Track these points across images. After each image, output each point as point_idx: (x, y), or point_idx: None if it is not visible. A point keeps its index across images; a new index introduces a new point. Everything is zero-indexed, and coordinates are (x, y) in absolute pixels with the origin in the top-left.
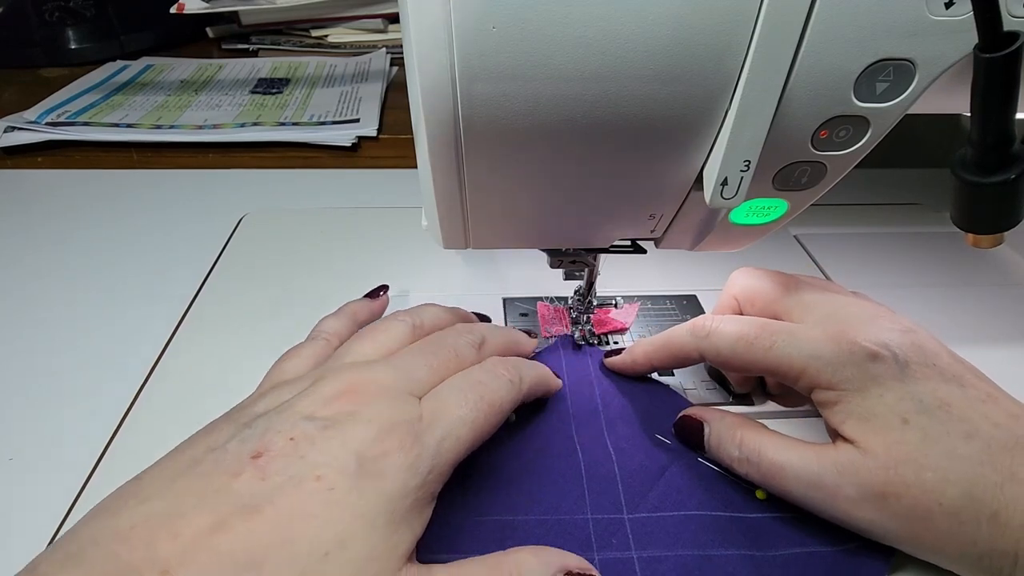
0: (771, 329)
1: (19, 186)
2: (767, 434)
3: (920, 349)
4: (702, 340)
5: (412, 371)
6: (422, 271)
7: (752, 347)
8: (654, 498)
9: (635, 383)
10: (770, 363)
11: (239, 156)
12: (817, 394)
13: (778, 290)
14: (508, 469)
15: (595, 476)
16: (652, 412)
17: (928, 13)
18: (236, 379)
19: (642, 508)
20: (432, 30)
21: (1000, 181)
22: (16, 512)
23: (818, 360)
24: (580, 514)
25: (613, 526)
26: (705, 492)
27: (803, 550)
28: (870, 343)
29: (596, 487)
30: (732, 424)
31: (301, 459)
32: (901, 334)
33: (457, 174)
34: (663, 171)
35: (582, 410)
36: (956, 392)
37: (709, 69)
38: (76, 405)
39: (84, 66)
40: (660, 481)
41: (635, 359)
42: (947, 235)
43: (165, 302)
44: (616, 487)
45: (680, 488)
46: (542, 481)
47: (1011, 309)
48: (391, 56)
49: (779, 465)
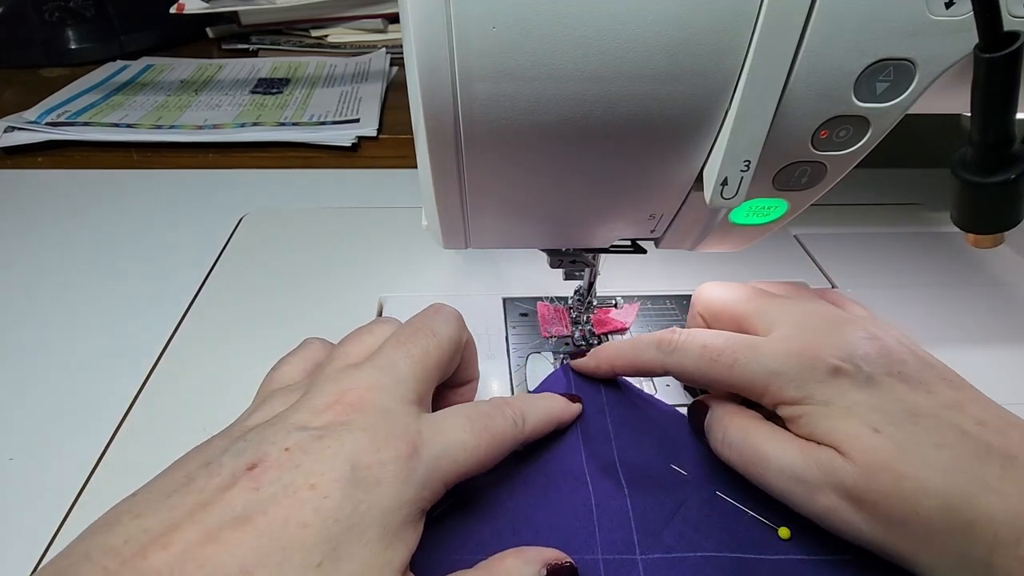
0: (733, 344)
1: (19, 186)
2: (757, 423)
3: (886, 357)
4: (667, 356)
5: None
6: (422, 271)
7: (716, 364)
8: (669, 537)
9: (648, 409)
10: (734, 381)
11: (239, 156)
12: (782, 410)
13: (741, 303)
14: (514, 502)
15: (606, 511)
16: (666, 441)
17: (928, 13)
18: (236, 379)
19: (656, 548)
20: (432, 30)
21: (1000, 181)
22: (16, 512)
23: (780, 377)
24: (590, 554)
25: (625, 568)
26: (724, 530)
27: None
28: (833, 357)
29: (607, 524)
30: (727, 411)
31: (296, 468)
32: (867, 342)
33: (457, 174)
34: (663, 171)
35: (593, 438)
36: (922, 400)
37: (709, 69)
38: (76, 405)
39: (84, 66)
40: (676, 518)
41: (599, 364)
42: (947, 235)
43: (165, 302)
44: (628, 524)
45: (697, 526)
46: (549, 516)
47: (1011, 309)
48: (391, 56)
49: (763, 453)
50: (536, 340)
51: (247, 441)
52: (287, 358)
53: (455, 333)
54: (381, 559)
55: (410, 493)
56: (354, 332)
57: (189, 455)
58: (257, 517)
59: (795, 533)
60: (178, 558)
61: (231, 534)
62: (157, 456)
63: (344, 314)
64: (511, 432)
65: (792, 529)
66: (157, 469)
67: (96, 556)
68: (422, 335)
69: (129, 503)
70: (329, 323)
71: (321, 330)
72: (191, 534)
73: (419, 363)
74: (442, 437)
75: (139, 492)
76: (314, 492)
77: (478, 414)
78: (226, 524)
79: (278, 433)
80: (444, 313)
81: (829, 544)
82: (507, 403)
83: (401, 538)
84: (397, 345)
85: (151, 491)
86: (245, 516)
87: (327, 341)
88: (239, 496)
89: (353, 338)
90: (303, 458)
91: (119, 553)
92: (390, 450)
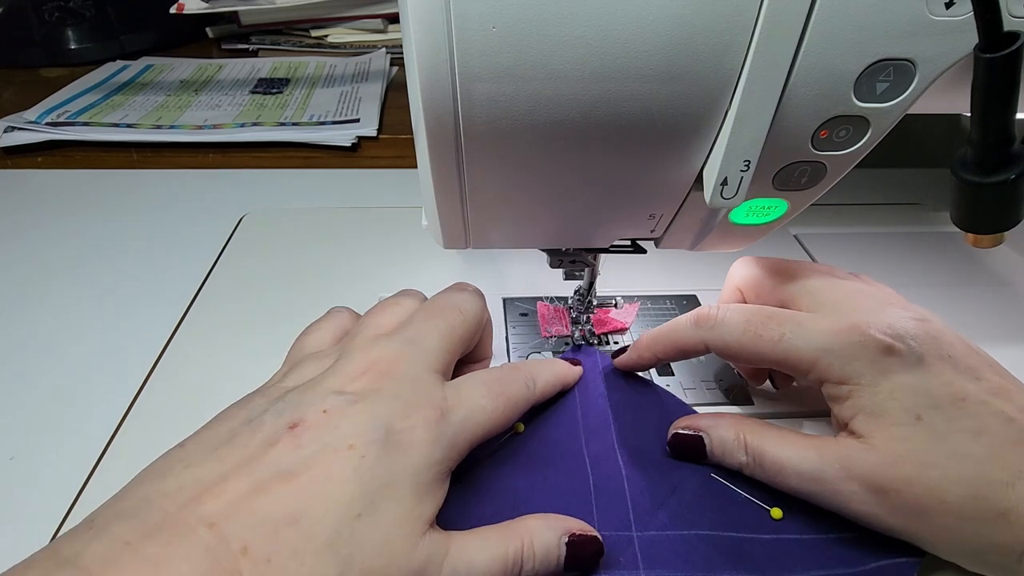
0: (779, 319)
1: (19, 186)
2: (767, 431)
3: (935, 340)
4: (707, 332)
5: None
6: (422, 271)
7: (760, 339)
8: (664, 516)
9: (647, 394)
10: (778, 356)
11: (239, 156)
12: (828, 388)
13: (782, 278)
14: (516, 483)
15: (604, 491)
16: (664, 426)
17: (928, 13)
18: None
19: (652, 526)
20: (432, 30)
21: (1000, 181)
22: (16, 512)
23: (829, 354)
24: None
25: (621, 543)
26: (718, 511)
27: (819, 573)
28: (884, 335)
29: (605, 503)
30: (731, 427)
31: (335, 429)
32: (916, 323)
33: (457, 174)
34: (663, 171)
35: (592, 422)
36: (970, 386)
37: (709, 69)
38: (76, 405)
39: (84, 66)
40: (671, 498)
41: (640, 355)
42: (947, 235)
43: (165, 302)
44: (625, 503)
45: (692, 506)
46: (550, 496)
47: (1011, 309)
48: (391, 56)
49: (780, 464)
50: (536, 340)
51: (286, 402)
52: (317, 324)
53: (479, 312)
54: (413, 512)
55: (438, 454)
56: (382, 303)
57: (230, 411)
58: (301, 472)
59: (787, 513)
60: (232, 505)
61: (279, 486)
62: (157, 455)
63: None
64: (525, 394)
65: (784, 509)
66: None
67: (155, 499)
68: (450, 311)
69: (179, 453)
70: None
71: None
72: (240, 484)
73: (446, 337)
74: (465, 403)
75: (187, 443)
76: (352, 452)
77: (494, 380)
78: (273, 477)
79: (316, 396)
80: (469, 291)
81: (820, 523)
82: (518, 367)
83: (431, 494)
84: (426, 319)
85: (198, 442)
86: (290, 471)
87: (353, 311)
88: (283, 453)
89: (381, 309)
90: (340, 420)
91: (176, 498)
92: (419, 415)
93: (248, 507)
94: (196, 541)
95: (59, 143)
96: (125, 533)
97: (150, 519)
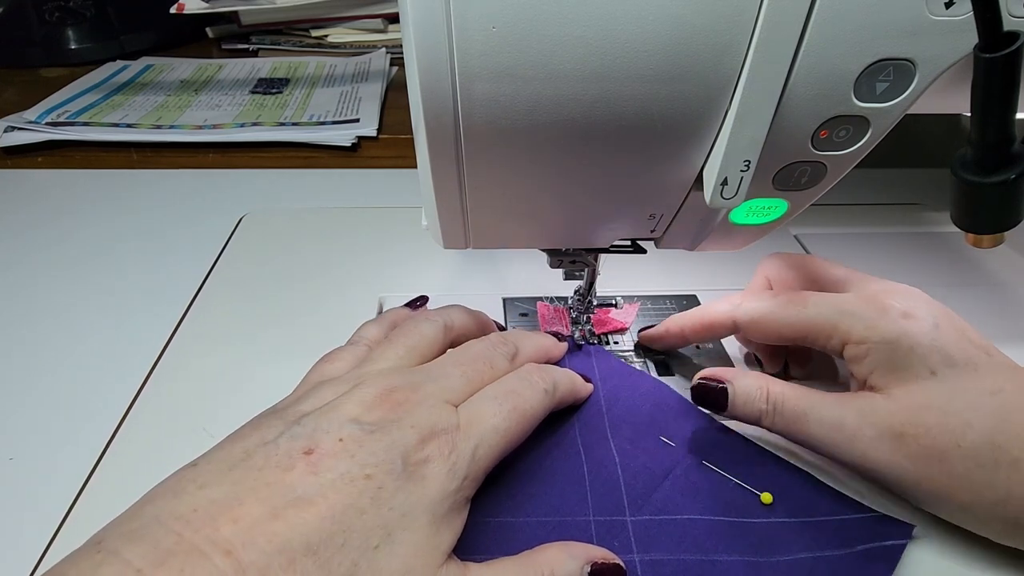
0: (804, 294)
1: (19, 186)
2: (790, 385)
3: (951, 319)
4: (736, 308)
5: (448, 380)
6: (422, 271)
7: (785, 308)
8: (657, 501)
9: (639, 384)
10: (803, 323)
11: (239, 156)
12: (849, 349)
13: (814, 273)
14: (511, 471)
15: (598, 478)
16: (656, 414)
17: (928, 13)
18: (236, 378)
19: (645, 511)
20: (432, 30)
21: (1000, 181)
22: (16, 512)
23: (851, 316)
24: (582, 515)
25: (615, 528)
26: (709, 496)
27: (808, 555)
28: (903, 306)
29: (599, 489)
30: (757, 378)
31: (351, 458)
32: (935, 306)
33: (457, 174)
34: (663, 171)
35: (586, 411)
36: (983, 357)
37: (709, 69)
38: (76, 405)
39: (84, 66)
40: (664, 484)
41: (668, 328)
42: (947, 235)
43: (165, 302)
44: (619, 489)
45: (684, 491)
46: (545, 483)
47: (1011, 309)
48: (391, 56)
49: (801, 410)
50: None
51: (302, 426)
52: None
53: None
54: (430, 543)
55: (454, 484)
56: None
57: (244, 431)
58: (318, 500)
59: (777, 498)
60: (247, 531)
61: (296, 513)
62: (157, 456)
63: (344, 314)
64: (542, 404)
65: (774, 494)
66: (157, 468)
67: (168, 521)
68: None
69: (191, 472)
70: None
71: (321, 330)
72: (256, 509)
73: (473, 383)
74: (477, 427)
75: (199, 462)
76: (370, 482)
77: (506, 393)
78: (290, 504)
79: (332, 423)
80: (509, 344)
81: (810, 507)
82: (537, 371)
83: (448, 524)
84: (457, 364)
85: (211, 462)
86: (307, 498)
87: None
88: (300, 479)
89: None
90: (357, 449)
91: (190, 521)
92: (433, 447)
93: (265, 533)
94: (212, 570)
95: (59, 143)
96: (136, 559)
97: (163, 543)
